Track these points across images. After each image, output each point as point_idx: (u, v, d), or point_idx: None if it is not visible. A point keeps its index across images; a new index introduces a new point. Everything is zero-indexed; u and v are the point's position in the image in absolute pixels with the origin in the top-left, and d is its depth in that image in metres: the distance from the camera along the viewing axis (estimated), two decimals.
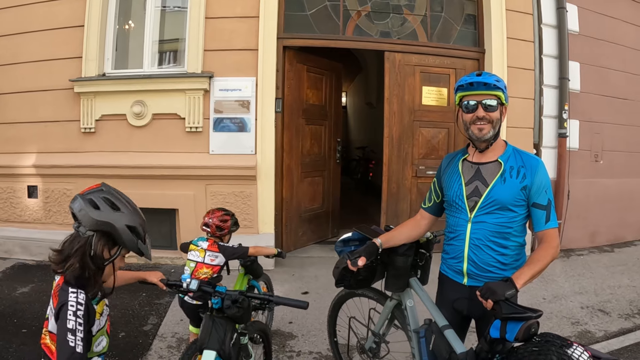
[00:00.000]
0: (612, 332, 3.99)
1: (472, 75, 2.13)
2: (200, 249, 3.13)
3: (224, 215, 3.19)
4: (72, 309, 1.57)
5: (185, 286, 2.13)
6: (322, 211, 6.69)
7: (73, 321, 1.55)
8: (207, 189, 5.43)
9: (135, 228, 1.68)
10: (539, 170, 2.11)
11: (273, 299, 2.16)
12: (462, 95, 2.17)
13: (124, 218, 1.67)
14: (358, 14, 5.92)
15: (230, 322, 2.12)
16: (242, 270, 3.40)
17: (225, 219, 3.18)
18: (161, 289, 2.27)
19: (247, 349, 2.37)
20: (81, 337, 1.54)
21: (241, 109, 5.46)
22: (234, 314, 2.08)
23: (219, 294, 2.11)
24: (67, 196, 5.58)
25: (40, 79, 5.60)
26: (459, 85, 2.16)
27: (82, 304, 1.59)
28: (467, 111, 2.15)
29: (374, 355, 2.85)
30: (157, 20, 5.71)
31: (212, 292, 2.12)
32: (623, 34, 6.90)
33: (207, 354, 2.01)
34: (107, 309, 1.84)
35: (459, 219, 2.22)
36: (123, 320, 4.01)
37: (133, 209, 1.74)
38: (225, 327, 2.08)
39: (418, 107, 6.02)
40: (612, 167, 6.88)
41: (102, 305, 1.78)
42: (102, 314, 1.77)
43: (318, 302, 4.49)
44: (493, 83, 2.08)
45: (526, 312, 1.70)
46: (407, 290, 2.48)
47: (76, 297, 1.60)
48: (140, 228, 1.71)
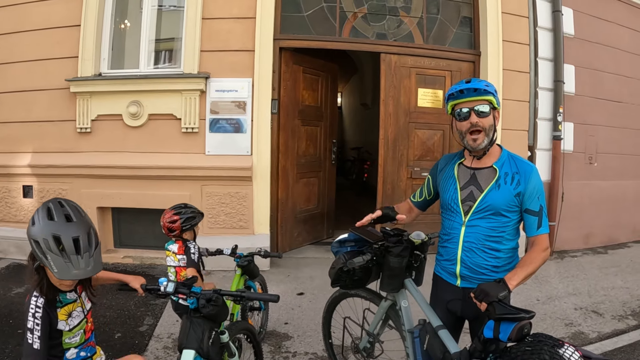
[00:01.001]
0: (605, 334, 4.01)
1: (461, 83, 2.17)
2: (172, 253, 3.06)
3: (173, 215, 3.05)
4: (32, 311, 1.76)
5: (163, 289, 2.14)
6: (318, 212, 6.70)
7: (31, 322, 1.74)
8: (202, 189, 5.43)
9: (59, 237, 1.68)
10: (533, 176, 2.15)
11: (245, 295, 2.23)
12: (454, 103, 2.21)
13: (50, 227, 1.70)
14: (354, 16, 5.94)
15: (207, 321, 2.14)
16: (239, 271, 3.39)
17: (174, 220, 3.04)
18: None
19: (229, 347, 2.40)
20: (38, 336, 1.73)
21: (237, 110, 5.47)
22: (209, 312, 2.10)
23: (194, 294, 2.14)
24: (63, 196, 5.56)
25: (35, 79, 5.59)
26: (450, 94, 2.20)
27: (40, 307, 1.76)
28: (460, 119, 2.19)
29: (368, 355, 2.86)
30: (153, 20, 5.72)
31: (187, 293, 2.14)
32: (618, 37, 6.95)
33: (185, 353, 2.04)
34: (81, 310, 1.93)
35: (453, 222, 2.26)
36: (119, 321, 4.01)
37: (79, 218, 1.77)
38: (202, 327, 2.10)
39: (413, 109, 6.04)
40: (606, 169, 6.93)
41: (72, 307, 1.88)
42: (70, 315, 1.87)
43: (313, 302, 4.51)
44: (483, 88, 2.11)
45: (519, 313, 1.72)
46: (402, 291, 2.50)
47: (35, 301, 1.79)
48: (66, 237, 1.69)
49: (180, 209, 3.10)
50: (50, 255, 1.65)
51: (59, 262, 1.66)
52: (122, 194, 5.50)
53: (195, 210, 3.18)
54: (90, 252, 1.72)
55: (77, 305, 1.90)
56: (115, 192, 5.51)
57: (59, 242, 1.67)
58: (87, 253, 1.71)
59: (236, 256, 3.40)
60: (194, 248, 3.05)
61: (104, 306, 4.26)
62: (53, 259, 1.65)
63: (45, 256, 1.66)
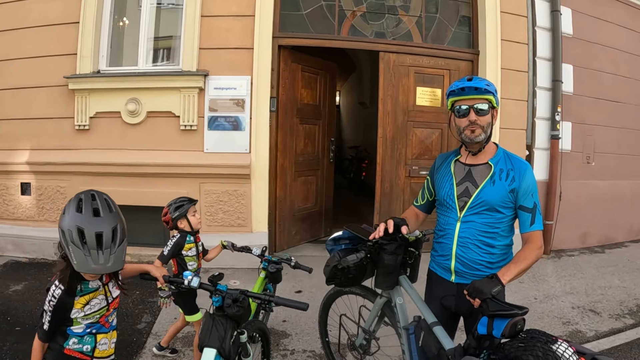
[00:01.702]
0: (602, 332, 4.04)
1: (463, 81, 2.19)
2: (193, 243, 3.16)
3: (164, 209, 3.16)
4: (49, 297, 1.86)
5: (187, 283, 2.13)
6: (315, 210, 6.71)
7: (47, 306, 1.85)
8: (201, 187, 5.44)
9: (82, 230, 1.72)
10: (527, 174, 2.18)
11: (274, 300, 2.16)
12: (454, 100, 2.23)
13: (76, 219, 1.74)
14: (353, 14, 5.94)
15: (230, 321, 2.11)
16: (263, 274, 3.32)
17: (164, 212, 3.14)
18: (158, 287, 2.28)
19: (246, 347, 2.37)
20: (49, 320, 1.85)
21: (236, 108, 5.47)
22: (234, 313, 2.08)
23: (220, 292, 2.12)
24: (61, 193, 5.58)
25: (34, 76, 5.60)
26: (451, 90, 2.22)
27: (56, 298, 1.84)
28: (459, 115, 2.21)
29: (364, 351, 2.87)
30: (152, 18, 5.72)
31: (213, 291, 2.12)
32: (616, 37, 6.97)
33: (207, 352, 2.01)
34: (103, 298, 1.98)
35: (448, 217, 2.28)
36: (117, 319, 4.01)
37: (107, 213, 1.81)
38: (225, 326, 2.08)
39: (412, 108, 6.05)
40: (603, 169, 6.95)
41: (92, 295, 1.91)
42: (88, 303, 1.91)
43: (311, 300, 4.50)
44: (484, 87, 2.14)
45: (512, 309, 1.73)
46: (397, 288, 2.51)
47: (53, 291, 1.86)
48: (89, 231, 1.73)
49: (170, 202, 3.17)
50: (72, 247, 1.71)
51: (79, 254, 1.71)
52: (121, 192, 5.48)
53: (185, 198, 3.20)
54: (113, 249, 1.76)
55: (100, 293, 1.93)
56: (114, 189, 5.47)
57: (82, 235, 1.71)
58: (108, 249, 1.75)
59: (264, 259, 3.34)
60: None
61: None
62: (74, 251, 1.71)
63: (67, 247, 1.72)
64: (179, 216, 3.13)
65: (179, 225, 3.15)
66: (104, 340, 2.01)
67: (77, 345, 1.92)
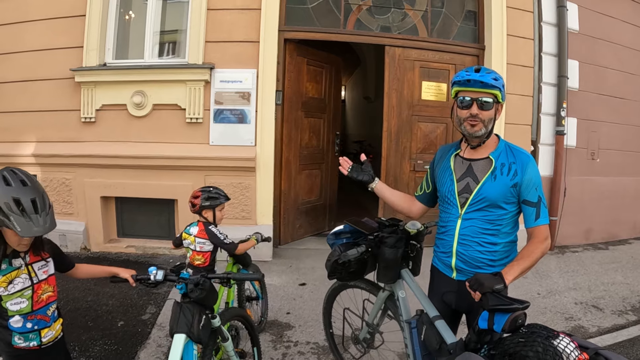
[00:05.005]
0: (605, 328, 4.04)
1: (470, 71, 2.09)
2: (191, 236, 3.14)
3: (197, 191, 3.17)
4: None
5: (152, 278, 2.20)
6: (320, 204, 6.73)
7: None
8: (206, 179, 5.45)
9: (18, 199, 1.82)
10: (530, 166, 2.11)
11: (230, 276, 2.32)
12: (459, 90, 2.15)
13: (10, 192, 1.83)
14: (359, 8, 5.93)
15: (197, 306, 2.18)
16: (230, 260, 3.40)
17: (196, 195, 3.15)
18: None
19: (222, 331, 2.46)
20: None
21: (241, 101, 5.48)
22: (197, 297, 2.16)
23: (182, 279, 2.20)
24: (66, 185, 5.62)
25: (40, 68, 5.61)
26: (456, 80, 2.14)
27: None
28: (461, 107, 2.13)
29: (368, 345, 2.88)
30: (158, 11, 5.72)
31: (175, 280, 2.20)
32: (622, 33, 6.92)
33: (177, 338, 2.08)
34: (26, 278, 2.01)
35: (450, 214, 2.25)
36: (121, 310, 4.06)
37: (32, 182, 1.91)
38: (192, 311, 2.15)
39: (417, 102, 6.05)
40: (608, 165, 6.93)
41: (14, 274, 1.97)
42: (11, 282, 1.96)
43: (315, 293, 4.55)
44: (490, 82, 2.05)
45: (513, 304, 1.70)
46: (399, 282, 2.50)
47: None
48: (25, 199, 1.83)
49: (206, 188, 3.22)
50: (13, 217, 1.80)
51: (21, 221, 1.80)
52: (126, 184, 5.53)
53: (221, 192, 3.24)
54: (47, 211, 1.88)
55: (23, 272, 1.99)
56: (119, 181, 5.54)
57: (19, 203, 1.81)
58: (44, 212, 1.86)
59: None
60: (217, 232, 3.13)
61: (107, 295, 4.31)
62: (16, 219, 1.80)
63: (8, 218, 1.80)
64: (209, 207, 3.16)
65: (204, 214, 3.18)
66: (49, 332, 2.09)
67: (24, 343, 2.01)
